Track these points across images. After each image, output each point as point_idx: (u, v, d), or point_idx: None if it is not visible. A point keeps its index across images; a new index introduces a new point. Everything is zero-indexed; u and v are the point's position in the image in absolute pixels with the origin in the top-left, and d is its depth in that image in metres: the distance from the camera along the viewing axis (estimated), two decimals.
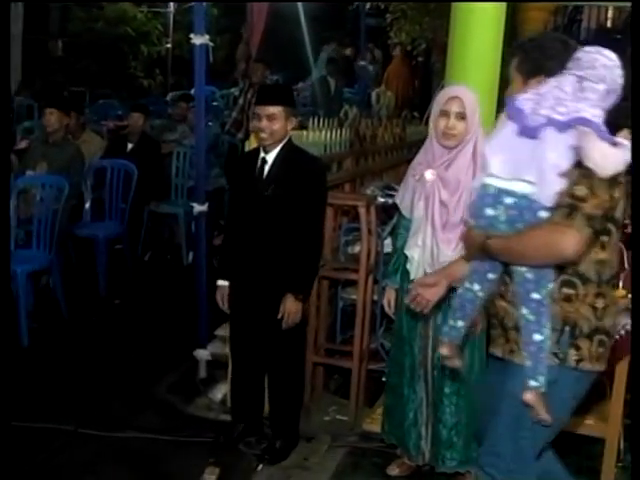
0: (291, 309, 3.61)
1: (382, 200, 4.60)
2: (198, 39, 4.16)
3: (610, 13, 12.28)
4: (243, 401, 3.94)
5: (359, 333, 4.18)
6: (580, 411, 3.76)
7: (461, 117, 3.33)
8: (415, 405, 3.59)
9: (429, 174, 3.39)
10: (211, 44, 4.29)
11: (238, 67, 11.13)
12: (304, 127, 4.84)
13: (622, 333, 3.49)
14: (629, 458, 3.52)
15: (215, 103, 11.46)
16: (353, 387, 4.22)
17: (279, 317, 3.61)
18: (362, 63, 10.00)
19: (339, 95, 10.15)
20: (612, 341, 2.60)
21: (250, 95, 7.96)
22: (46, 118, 5.95)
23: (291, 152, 3.68)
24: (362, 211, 4.09)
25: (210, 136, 8.11)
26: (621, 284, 4.05)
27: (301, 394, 4.01)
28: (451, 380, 3.47)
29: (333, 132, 4.90)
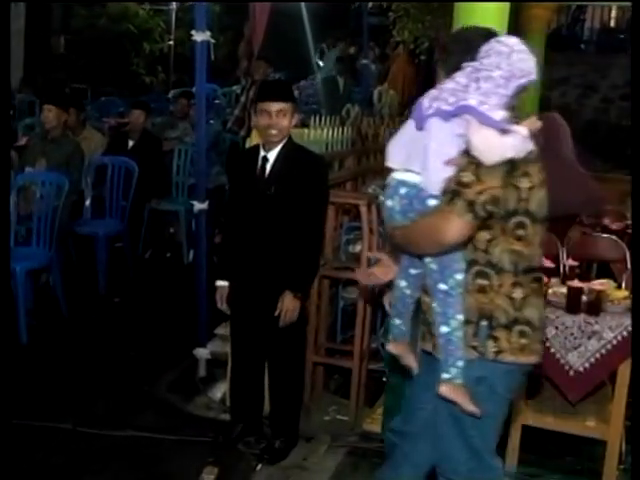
0: (289, 306, 3.58)
1: (383, 199, 4.56)
2: (199, 36, 4.13)
3: (614, 13, 12.26)
4: (242, 401, 3.91)
5: (359, 333, 4.16)
6: (581, 413, 3.77)
7: None
8: None
9: None
10: (212, 41, 4.26)
11: (240, 65, 11.09)
12: (306, 125, 4.82)
13: (624, 334, 3.47)
14: (631, 460, 3.50)
15: (217, 101, 11.44)
16: (353, 387, 4.20)
17: (276, 314, 3.59)
18: (365, 62, 9.97)
19: (348, 94, 10.10)
20: (541, 332, 2.56)
21: (252, 93, 7.93)
22: (44, 115, 5.94)
23: (293, 150, 3.65)
24: (363, 210, 4.06)
25: (212, 134, 8.10)
26: (624, 285, 4.04)
27: (301, 394, 3.99)
28: None
29: (335, 130, 4.87)
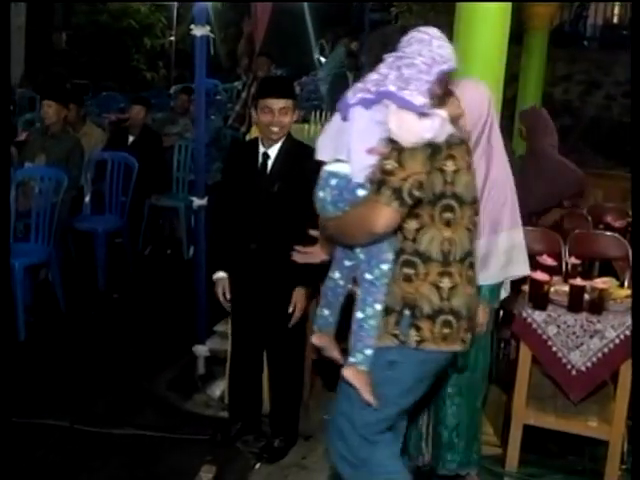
0: (302, 302, 3.57)
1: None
2: (199, 30, 4.10)
3: (617, 9, 12.21)
4: (241, 399, 3.89)
5: None
6: (583, 412, 3.74)
7: None
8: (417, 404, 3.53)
9: None
10: (212, 35, 4.22)
11: (240, 63, 11.06)
12: (306, 121, 4.79)
13: (627, 333, 3.44)
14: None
15: (218, 97, 11.41)
16: None
17: (290, 311, 3.56)
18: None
19: None
20: (468, 321, 2.54)
21: (254, 89, 7.90)
22: (44, 110, 5.92)
23: (294, 147, 3.61)
24: None
25: (212, 130, 8.07)
26: (626, 283, 4.02)
27: (300, 392, 3.95)
28: (454, 381, 3.40)
29: None
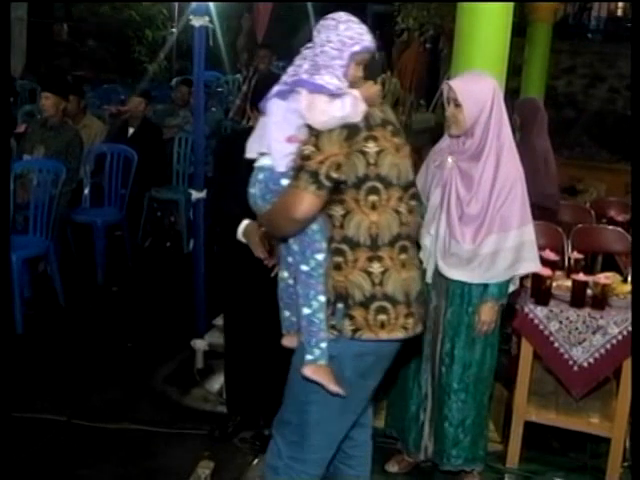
0: None
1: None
2: (198, 21, 4.05)
3: (621, 2, 12.14)
4: (239, 394, 3.85)
5: None
6: (585, 409, 3.71)
7: (456, 104, 3.21)
8: (419, 400, 3.50)
9: (449, 160, 3.28)
10: (211, 26, 4.18)
11: (240, 58, 11.02)
12: None
13: (630, 329, 3.41)
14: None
15: (220, 89, 11.36)
16: None
17: None
18: None
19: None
20: (407, 306, 2.47)
21: (255, 82, 7.83)
22: (41, 102, 5.89)
23: None
24: None
25: (213, 122, 8.02)
26: (629, 278, 3.97)
27: None
28: (460, 376, 3.37)
29: None
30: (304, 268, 2.48)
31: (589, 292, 3.55)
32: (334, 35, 2.41)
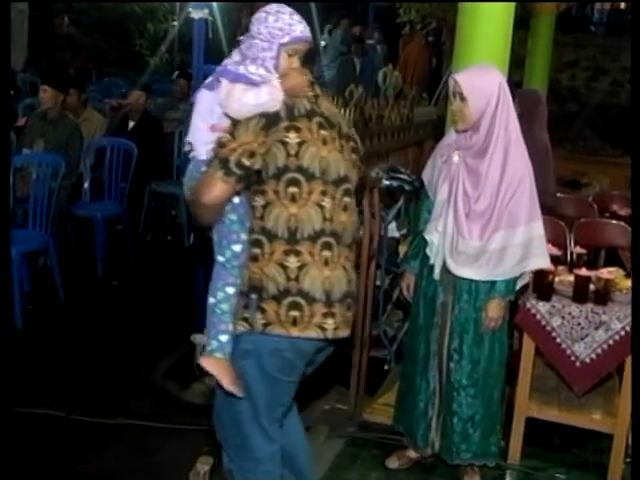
0: None
1: (387, 183, 4.46)
2: (197, 13, 4.03)
3: None
4: None
5: (360, 320, 4.06)
6: (587, 405, 3.69)
7: (462, 98, 3.18)
8: (427, 395, 3.47)
9: (456, 156, 3.25)
10: (210, 18, 4.15)
11: None
12: None
13: None
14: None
15: None
16: (353, 375, 4.11)
17: None
18: (370, 42, 9.84)
19: (365, 75, 9.93)
20: (327, 306, 2.42)
21: None
22: (40, 95, 5.86)
23: None
24: (365, 194, 3.95)
25: None
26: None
27: None
28: (469, 372, 3.35)
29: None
30: (220, 258, 2.49)
31: (592, 287, 3.52)
32: (263, 27, 2.42)
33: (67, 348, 4.72)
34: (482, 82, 3.19)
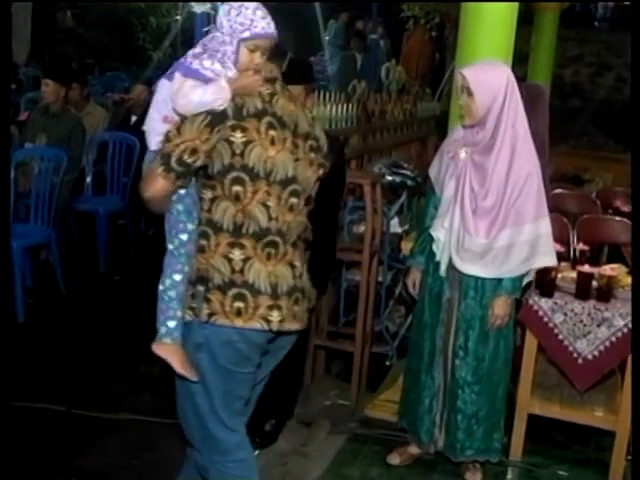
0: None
1: (389, 178, 4.45)
2: (199, 7, 4.01)
3: None
4: None
5: (362, 316, 4.06)
6: (589, 402, 3.68)
7: (469, 93, 3.16)
8: (431, 392, 3.47)
9: (463, 152, 3.24)
10: (212, 12, 4.13)
11: None
12: None
13: None
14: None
15: None
16: (355, 371, 4.11)
17: None
18: (373, 37, 9.81)
19: (366, 70, 9.90)
20: (273, 299, 2.42)
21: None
22: (42, 89, 5.84)
23: None
24: (367, 189, 3.94)
25: None
26: None
27: (299, 377, 3.90)
28: (474, 369, 3.35)
29: (340, 107, 4.75)
30: (169, 246, 2.54)
31: (594, 284, 3.51)
32: (226, 21, 2.41)
33: (69, 342, 4.72)
34: (489, 77, 3.17)
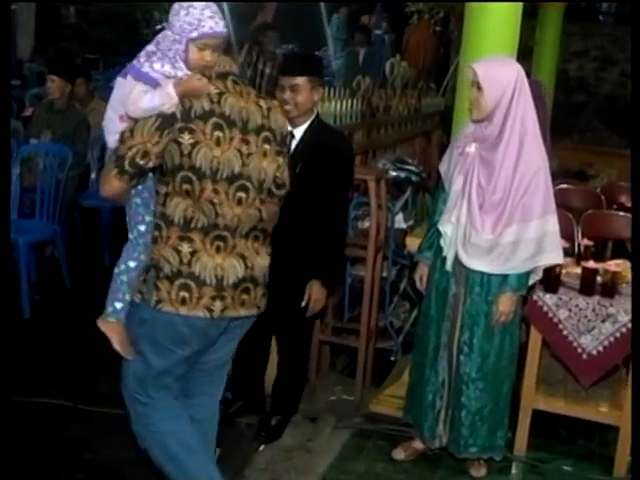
0: (317, 296, 3.50)
1: (394, 174, 4.46)
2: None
3: None
4: (245, 378, 3.84)
5: (367, 311, 4.07)
6: (594, 398, 3.68)
7: (478, 87, 3.17)
8: (435, 387, 3.48)
9: (471, 148, 3.24)
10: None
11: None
12: None
13: None
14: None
15: None
16: (359, 366, 4.12)
17: (304, 304, 3.49)
18: (378, 32, 9.79)
19: (370, 66, 9.88)
20: (216, 290, 2.55)
21: (261, 65, 7.76)
22: (47, 85, 5.84)
23: (320, 130, 3.53)
24: (372, 185, 3.95)
25: None
26: None
27: (304, 372, 3.91)
28: (478, 365, 3.35)
29: (344, 102, 4.74)
30: (130, 236, 2.71)
31: (599, 279, 3.52)
32: (176, 20, 2.47)
33: (74, 338, 4.72)
34: (499, 72, 3.18)
